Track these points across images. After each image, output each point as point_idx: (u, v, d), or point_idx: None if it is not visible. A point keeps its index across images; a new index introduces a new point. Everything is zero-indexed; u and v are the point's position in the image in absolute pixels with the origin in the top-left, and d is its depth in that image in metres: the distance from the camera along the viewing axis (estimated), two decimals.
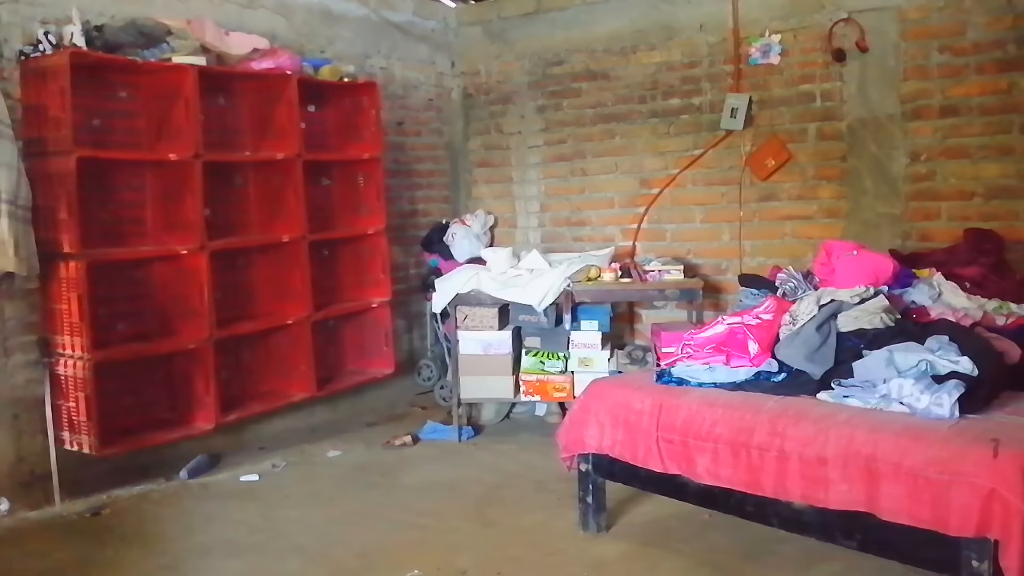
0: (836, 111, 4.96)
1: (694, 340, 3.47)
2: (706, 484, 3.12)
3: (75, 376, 3.98)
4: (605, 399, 3.48)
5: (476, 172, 6.39)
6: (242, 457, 4.70)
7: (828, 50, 4.90)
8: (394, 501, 4.09)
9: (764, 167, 5.15)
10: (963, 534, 2.50)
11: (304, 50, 5.21)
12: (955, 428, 2.72)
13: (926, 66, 4.67)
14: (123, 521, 3.87)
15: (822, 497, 2.80)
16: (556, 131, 5.98)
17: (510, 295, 4.97)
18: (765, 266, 4.89)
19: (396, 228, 5.71)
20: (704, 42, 5.34)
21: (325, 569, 3.37)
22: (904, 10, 4.71)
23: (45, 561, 3.46)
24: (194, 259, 4.34)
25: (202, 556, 3.49)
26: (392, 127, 5.78)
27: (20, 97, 3.98)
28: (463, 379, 5.06)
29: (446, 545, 3.55)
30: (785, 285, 4.11)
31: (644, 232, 5.65)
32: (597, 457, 3.50)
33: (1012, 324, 3.57)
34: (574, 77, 5.85)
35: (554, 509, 3.87)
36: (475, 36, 6.27)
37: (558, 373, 5.01)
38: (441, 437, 5.07)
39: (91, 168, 4.01)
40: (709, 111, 5.34)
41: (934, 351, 3.03)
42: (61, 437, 4.07)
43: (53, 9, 4.06)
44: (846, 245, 4.07)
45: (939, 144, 4.67)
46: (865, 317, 3.34)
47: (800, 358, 3.22)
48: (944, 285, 3.87)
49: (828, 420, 2.89)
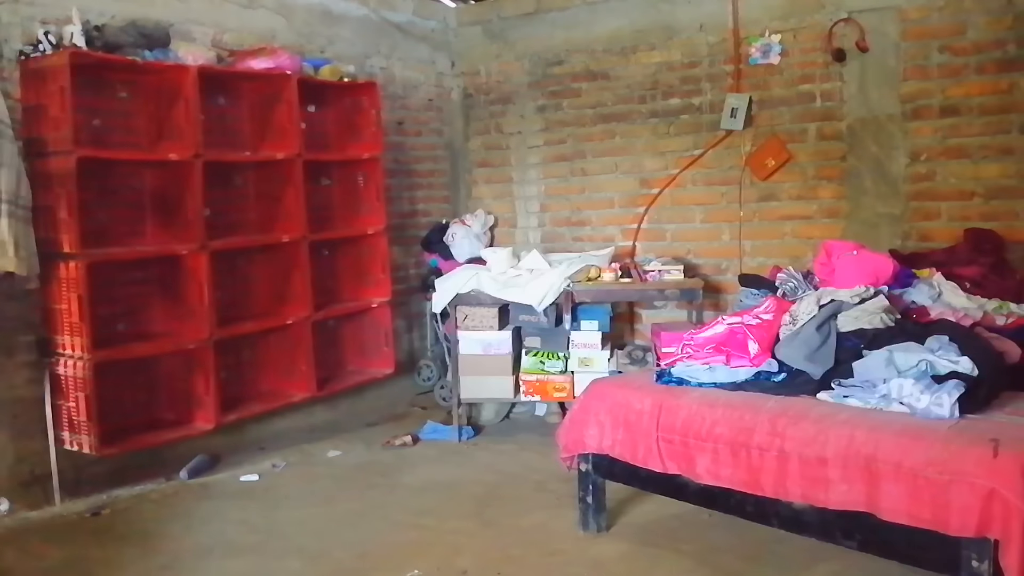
0: (836, 111, 4.96)
1: (694, 340, 3.47)
2: (706, 484, 3.12)
3: (75, 376, 3.98)
4: (605, 399, 3.48)
5: (476, 172, 6.39)
6: (242, 457, 4.70)
7: (828, 50, 4.90)
8: (394, 501, 4.09)
9: (764, 167, 5.15)
10: (963, 534, 2.50)
11: (304, 50, 5.21)
12: (955, 428, 2.72)
13: (926, 66, 4.67)
14: (123, 521, 3.87)
15: (822, 497, 2.80)
16: (556, 131, 5.97)
17: (510, 295, 4.97)
18: (765, 266, 4.89)
19: (396, 228, 5.71)
20: (704, 42, 5.34)
21: (325, 569, 3.37)
22: (904, 10, 4.71)
23: (45, 561, 3.47)
24: (194, 259, 4.34)
25: (202, 556, 3.49)
26: (392, 127, 5.78)
27: (20, 97, 3.97)
28: (463, 379, 5.06)
29: (446, 545, 3.55)
30: (785, 285, 4.11)
31: (644, 232, 5.65)
32: (597, 457, 3.50)
33: (1012, 324, 3.57)
34: (574, 77, 5.85)
35: (554, 509, 3.87)
36: (475, 36, 6.27)
37: (558, 373, 5.01)
38: (441, 437, 5.07)
39: (91, 168, 4.00)
40: (709, 111, 5.34)
41: (934, 351, 3.03)
42: (61, 437, 4.06)
43: (53, 9, 4.06)
44: (846, 245, 4.07)
45: (939, 144, 4.67)
46: (865, 317, 3.34)
47: (800, 358, 3.22)
48: (944, 285, 3.87)
49: (828, 420, 2.89)
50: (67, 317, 3.97)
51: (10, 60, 3.96)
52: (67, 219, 3.90)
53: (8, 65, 3.96)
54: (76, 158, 3.86)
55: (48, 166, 3.95)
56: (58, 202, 3.92)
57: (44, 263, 3.99)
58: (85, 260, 3.93)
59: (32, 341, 4.07)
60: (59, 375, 4.04)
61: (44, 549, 3.57)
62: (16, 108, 3.95)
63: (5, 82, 3.94)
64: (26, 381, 4.07)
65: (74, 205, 3.89)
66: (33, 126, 3.97)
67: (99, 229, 4.18)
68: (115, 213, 4.35)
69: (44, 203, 3.96)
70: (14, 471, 4.04)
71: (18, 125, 3.93)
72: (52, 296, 4.04)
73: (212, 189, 4.44)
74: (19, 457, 4.06)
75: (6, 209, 3.79)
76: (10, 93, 3.93)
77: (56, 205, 3.93)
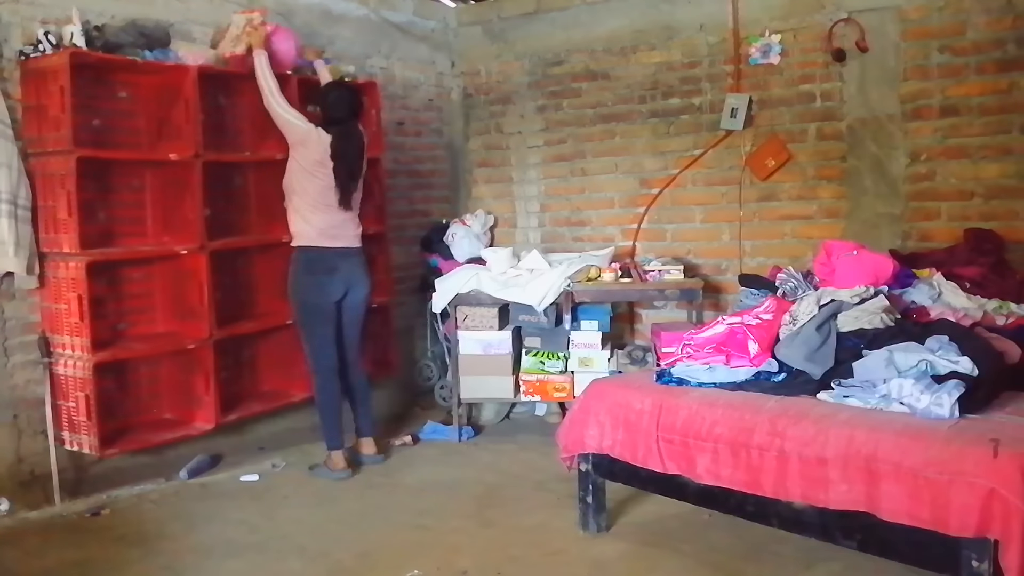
0: (836, 111, 4.96)
1: (694, 340, 3.47)
2: (706, 484, 3.12)
3: (75, 376, 3.98)
4: (605, 399, 3.48)
5: (476, 172, 6.39)
6: (242, 457, 4.70)
7: (828, 50, 4.90)
8: (394, 501, 4.10)
9: (764, 167, 5.15)
10: (963, 534, 2.50)
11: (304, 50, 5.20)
12: (955, 428, 2.72)
13: (926, 66, 4.67)
14: (123, 521, 3.87)
15: (822, 497, 2.80)
16: (556, 131, 5.97)
17: (510, 295, 4.97)
18: (765, 266, 4.89)
19: (396, 228, 5.71)
20: (704, 42, 5.34)
21: (325, 569, 3.37)
22: (904, 10, 4.71)
23: (45, 561, 3.46)
24: (194, 259, 4.33)
25: (202, 556, 3.49)
26: (392, 127, 5.77)
27: (20, 97, 3.97)
28: (463, 379, 5.06)
29: (446, 545, 3.55)
30: (785, 285, 4.11)
31: (644, 232, 5.65)
32: (597, 457, 3.50)
33: (1012, 324, 3.57)
34: (574, 77, 5.85)
35: (554, 509, 3.87)
36: (475, 36, 6.27)
37: (558, 373, 5.01)
38: (441, 437, 5.07)
39: (91, 168, 4.00)
40: (709, 111, 5.34)
41: (934, 351, 3.04)
42: (61, 437, 4.06)
43: (53, 9, 4.05)
44: (846, 245, 4.07)
45: (939, 144, 4.67)
46: (865, 317, 3.34)
47: (800, 358, 3.22)
48: (944, 285, 3.87)
49: (828, 420, 2.89)
50: (67, 317, 3.97)
51: (10, 60, 3.96)
52: (67, 219, 3.90)
53: (8, 65, 3.96)
54: (76, 158, 3.86)
55: (48, 166, 3.94)
56: (58, 202, 3.92)
57: (44, 263, 4.00)
58: (85, 260, 3.93)
59: (32, 341, 4.07)
60: (59, 375, 4.04)
61: (44, 549, 3.57)
62: (16, 108, 3.95)
63: (5, 82, 3.94)
64: (26, 381, 4.07)
65: (74, 205, 3.88)
66: (33, 126, 3.97)
67: (99, 229, 4.18)
68: (115, 213, 4.34)
69: (44, 203, 3.96)
70: (14, 471, 4.03)
71: (18, 125, 3.94)
72: (52, 296, 4.03)
73: (212, 189, 4.43)
74: (19, 457, 4.05)
75: (6, 209, 3.80)
76: (10, 93, 3.93)
77: (56, 205, 3.93)
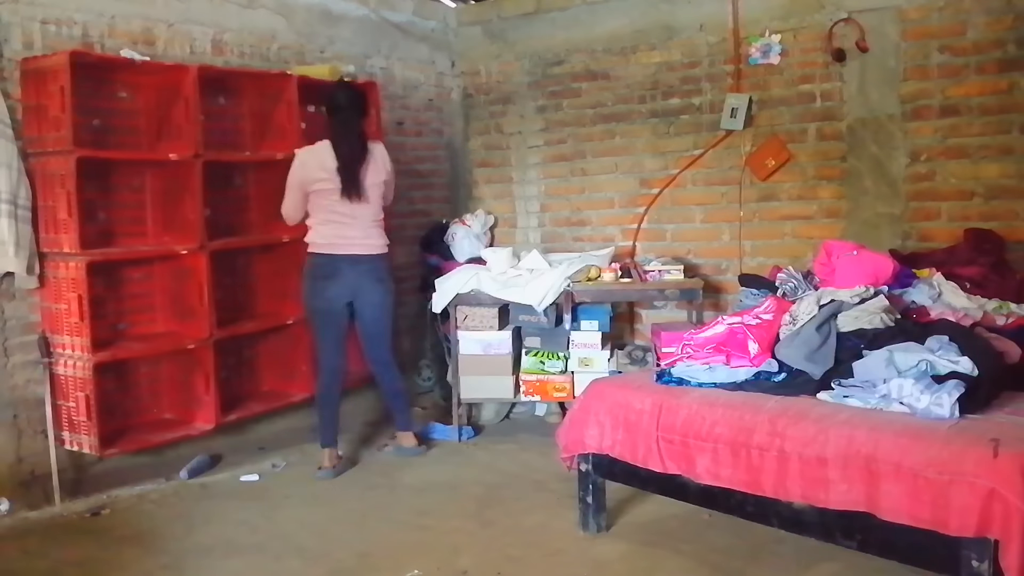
0: (836, 111, 4.96)
1: (694, 340, 3.47)
2: (706, 484, 3.12)
3: (75, 376, 3.98)
4: (605, 399, 3.48)
5: (476, 172, 6.39)
6: (242, 457, 4.70)
7: (828, 50, 4.90)
8: (394, 501, 4.10)
9: (764, 167, 5.15)
10: (963, 534, 2.50)
11: (304, 50, 5.21)
12: (955, 428, 2.72)
13: (926, 66, 4.67)
14: (123, 521, 3.87)
15: (822, 497, 2.80)
16: (556, 131, 5.97)
17: (510, 295, 4.96)
18: (765, 266, 4.88)
19: (396, 228, 5.70)
20: (704, 42, 5.33)
21: (325, 569, 3.36)
22: (904, 10, 4.71)
23: (45, 561, 3.46)
24: (194, 259, 4.34)
25: (202, 556, 3.49)
26: (392, 127, 5.77)
27: (20, 97, 3.97)
28: (463, 379, 5.06)
29: (446, 545, 3.55)
30: (785, 285, 4.11)
31: (644, 232, 5.65)
32: (597, 457, 3.50)
33: (1012, 324, 3.57)
34: (574, 77, 5.85)
35: (554, 509, 3.87)
36: (475, 36, 6.27)
37: (558, 373, 5.01)
38: (441, 437, 5.07)
39: (91, 168, 4.00)
40: (709, 111, 5.34)
41: (934, 351, 3.03)
42: (61, 437, 4.07)
43: (53, 9, 4.06)
44: (846, 245, 4.07)
45: (939, 144, 4.67)
46: (865, 317, 3.34)
47: (800, 358, 3.22)
48: (944, 285, 3.86)
49: (828, 420, 2.89)
50: (67, 317, 3.97)
51: (10, 60, 3.96)
52: (67, 219, 3.90)
53: (8, 65, 3.96)
54: (76, 158, 3.86)
55: (48, 166, 3.95)
56: (58, 202, 3.92)
57: (44, 263, 4.00)
58: (85, 260, 3.93)
59: (32, 341, 4.07)
60: (59, 375, 4.04)
61: (44, 549, 3.57)
62: (16, 108, 3.95)
63: (5, 82, 3.94)
64: (26, 381, 4.07)
65: (74, 205, 3.88)
66: (33, 126, 3.97)
67: (99, 229, 4.18)
68: (115, 213, 4.35)
69: (44, 203, 3.97)
70: (14, 471, 4.03)
71: (18, 125, 3.94)
72: (52, 296, 4.04)
73: (212, 189, 4.43)
74: (19, 457, 4.05)
75: (6, 209, 3.80)
76: (10, 93, 3.93)
77: (56, 205, 3.93)
